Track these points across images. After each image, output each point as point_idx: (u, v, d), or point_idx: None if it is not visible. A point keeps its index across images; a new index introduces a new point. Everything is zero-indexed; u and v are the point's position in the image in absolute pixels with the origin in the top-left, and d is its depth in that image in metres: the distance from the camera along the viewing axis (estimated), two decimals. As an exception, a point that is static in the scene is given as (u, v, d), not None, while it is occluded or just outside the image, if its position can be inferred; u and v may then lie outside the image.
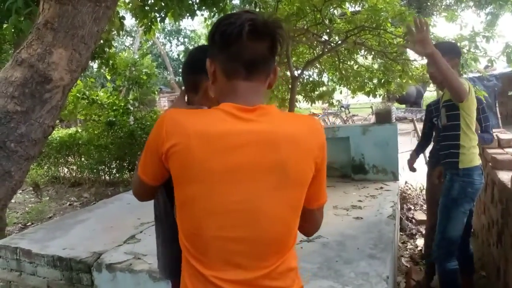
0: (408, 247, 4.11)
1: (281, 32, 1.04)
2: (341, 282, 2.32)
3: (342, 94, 7.35)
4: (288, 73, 6.03)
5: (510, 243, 2.43)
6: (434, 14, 10.80)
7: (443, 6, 10.62)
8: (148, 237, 3.43)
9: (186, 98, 1.46)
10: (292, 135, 1.02)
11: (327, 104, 7.75)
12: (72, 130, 8.90)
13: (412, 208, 5.15)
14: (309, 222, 1.19)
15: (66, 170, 8.73)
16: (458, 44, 4.35)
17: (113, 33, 5.18)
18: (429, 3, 10.33)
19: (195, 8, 5.35)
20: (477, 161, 2.50)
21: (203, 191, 0.98)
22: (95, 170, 7.92)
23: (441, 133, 2.63)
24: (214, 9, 5.36)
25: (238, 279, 1.00)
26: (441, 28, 20.44)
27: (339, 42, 5.60)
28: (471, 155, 2.46)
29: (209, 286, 1.00)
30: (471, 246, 2.89)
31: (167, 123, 1.01)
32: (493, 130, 3.56)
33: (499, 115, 11.46)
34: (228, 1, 5.56)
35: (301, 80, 6.89)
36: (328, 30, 5.41)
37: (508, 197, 2.51)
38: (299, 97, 7.33)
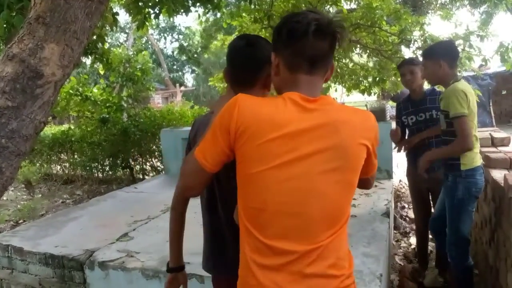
0: (401, 245, 4.13)
1: (341, 31, 1.14)
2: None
3: (337, 92, 7.35)
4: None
5: (503, 241, 2.45)
6: (429, 13, 10.84)
7: (438, 5, 10.66)
8: (141, 234, 3.42)
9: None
10: (351, 123, 1.14)
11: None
12: (65, 127, 8.84)
13: (406, 206, 5.17)
14: (365, 185, 1.37)
15: (58, 167, 8.67)
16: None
17: (106, 28, 5.13)
18: (424, 2, 10.36)
19: (190, 5, 5.33)
20: (478, 161, 2.57)
21: (269, 170, 1.08)
22: (88, 168, 7.86)
23: (443, 136, 2.68)
24: (209, 5, 5.35)
25: (290, 249, 1.09)
26: (436, 26, 20.53)
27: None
28: (473, 156, 2.53)
29: (267, 253, 1.10)
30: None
31: (240, 106, 1.10)
32: (487, 128, 3.61)
33: (492, 114, 11.56)
34: (222, -2, 5.54)
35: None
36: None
37: (501, 195, 2.53)
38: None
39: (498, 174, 2.73)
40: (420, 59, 3.04)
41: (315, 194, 1.10)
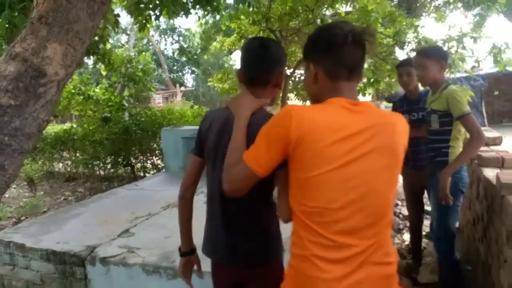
0: (395, 241, 4.17)
1: (372, 40, 1.25)
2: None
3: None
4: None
5: (495, 238, 2.49)
6: (423, 15, 10.88)
7: (432, 7, 10.69)
8: (142, 231, 3.46)
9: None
10: (392, 124, 1.25)
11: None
12: (67, 125, 8.90)
13: (400, 203, 5.22)
14: None
15: (60, 165, 8.73)
16: (446, 44, 4.43)
17: (108, 29, 5.19)
18: (418, 4, 10.40)
19: (189, 7, 5.39)
20: None
21: (332, 171, 1.16)
22: (89, 165, 7.92)
23: (432, 136, 2.73)
24: (208, 8, 5.40)
25: (353, 243, 1.18)
26: (430, 28, 20.56)
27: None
28: (455, 155, 2.65)
29: (333, 247, 1.17)
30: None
31: (295, 115, 1.17)
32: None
33: (485, 114, 11.60)
34: (222, 0, 5.60)
35: (293, 78, 6.94)
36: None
37: (493, 193, 2.57)
38: (291, 95, 7.39)
39: (490, 173, 2.78)
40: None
41: (373, 191, 1.20)
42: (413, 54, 4.79)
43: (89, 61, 8.11)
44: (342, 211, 1.18)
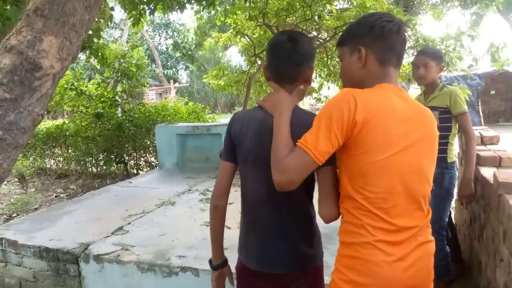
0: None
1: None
2: (328, 274, 2.35)
3: (329, 90, 7.40)
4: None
5: (492, 237, 2.50)
6: (420, 13, 10.93)
7: (429, 5, 10.74)
8: (136, 228, 3.44)
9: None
10: (430, 114, 1.35)
11: (314, 100, 7.82)
12: (59, 121, 8.80)
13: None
14: None
15: (52, 161, 8.64)
16: (444, 42, 4.43)
17: (101, 22, 5.12)
18: (415, 2, 10.44)
19: (184, 2, 5.33)
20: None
21: (392, 155, 1.20)
22: (82, 162, 7.85)
23: None
24: (204, 2, 5.35)
25: (410, 225, 1.25)
26: (428, 26, 20.70)
27: (328, 38, 5.63)
28: (453, 150, 2.81)
29: (393, 230, 1.23)
30: None
31: (359, 97, 1.18)
32: (476, 127, 3.69)
33: (481, 113, 11.71)
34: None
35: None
36: (317, 26, 5.44)
37: (490, 192, 2.57)
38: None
39: (487, 172, 2.78)
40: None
41: (423, 175, 1.29)
42: (411, 51, 4.79)
43: (82, 56, 7.98)
44: (401, 195, 1.24)
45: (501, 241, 2.21)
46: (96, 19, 4.84)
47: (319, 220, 1.42)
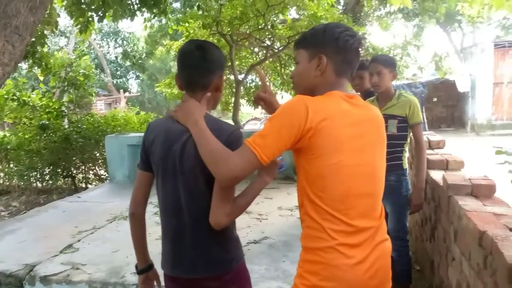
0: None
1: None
2: (289, 282, 2.34)
3: (283, 99, 7.50)
4: (232, 77, 6.04)
5: (443, 238, 2.59)
6: (367, 24, 11.42)
7: (375, 17, 11.29)
8: (87, 245, 3.26)
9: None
10: (380, 117, 1.42)
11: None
12: (-1, 134, 8.25)
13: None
14: None
15: (-9, 177, 8.07)
16: (392, 51, 4.63)
17: (46, 28, 4.87)
18: (362, 14, 10.92)
19: (135, 9, 5.20)
20: None
21: (346, 158, 1.25)
22: (25, 177, 7.40)
23: (388, 140, 2.81)
24: (155, 10, 5.25)
25: (367, 226, 1.30)
26: (374, 37, 21.67)
27: (281, 47, 5.71)
28: (406, 158, 2.87)
29: (353, 232, 1.27)
30: None
31: (310, 104, 1.23)
32: (423, 133, 3.85)
33: (425, 120, 12.36)
34: (169, 3, 5.47)
35: (244, 84, 6.93)
36: (270, 36, 5.50)
37: (440, 194, 2.68)
38: (242, 101, 7.38)
39: (436, 175, 2.90)
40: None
41: (377, 176, 1.35)
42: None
43: (25, 65, 7.58)
44: (357, 196, 1.29)
45: (452, 241, 2.29)
46: (40, 24, 4.59)
47: (276, 227, 1.43)
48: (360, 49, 1.39)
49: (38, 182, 7.62)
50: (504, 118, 13.85)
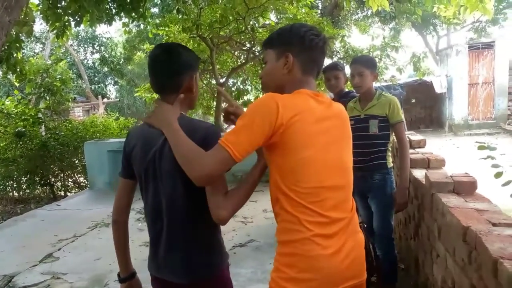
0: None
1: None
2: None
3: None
4: (213, 80, 6.02)
5: (427, 235, 2.61)
6: (345, 27, 11.60)
7: (352, 21, 11.47)
8: (67, 254, 3.19)
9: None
10: (345, 113, 1.47)
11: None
12: (-28, 143, 7.99)
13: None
14: None
15: (-35, 187, 7.80)
16: (371, 53, 4.69)
17: (22, 30, 4.75)
18: (340, 17, 11.08)
19: (113, 13, 5.13)
20: None
21: (316, 152, 1.30)
22: (1, 186, 7.25)
23: (370, 140, 2.82)
24: (133, 14, 5.19)
25: (341, 217, 1.34)
26: (353, 39, 21.99)
27: (262, 51, 5.72)
28: (390, 157, 2.86)
29: (327, 223, 1.30)
30: None
31: (280, 101, 1.26)
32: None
33: (404, 121, 12.60)
34: (147, 7, 5.42)
35: (226, 87, 6.91)
36: (251, 39, 5.51)
37: (423, 192, 2.70)
38: (224, 105, 7.35)
39: (418, 173, 2.92)
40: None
41: (346, 169, 1.40)
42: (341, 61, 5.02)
43: (-2, 72, 7.38)
44: (331, 188, 1.33)
45: (436, 238, 2.32)
46: (16, 26, 4.47)
47: (261, 230, 1.42)
48: (325, 48, 1.43)
49: (14, 191, 7.47)
50: (480, 118, 14.21)
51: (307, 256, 1.27)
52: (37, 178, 7.14)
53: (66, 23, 4.98)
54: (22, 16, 4.00)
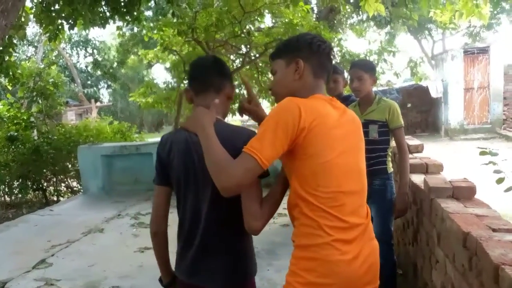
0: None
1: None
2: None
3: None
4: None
5: (426, 241, 2.60)
6: (340, 31, 11.66)
7: (347, 25, 11.55)
8: (61, 260, 3.15)
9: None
10: (358, 119, 1.48)
11: (247, 117, 7.88)
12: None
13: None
14: None
15: (-45, 192, 7.71)
16: (368, 57, 4.71)
17: (16, 34, 4.71)
18: (335, 22, 11.14)
19: (107, 16, 5.11)
20: None
21: (337, 156, 1.31)
22: (-8, 191, 7.13)
23: (370, 145, 2.81)
24: (128, 17, 5.16)
25: (359, 222, 1.35)
26: (349, 44, 22.17)
27: (258, 55, 5.72)
28: (391, 162, 2.85)
29: (346, 228, 1.30)
30: None
31: (302, 105, 1.27)
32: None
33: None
34: (141, 11, 5.41)
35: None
36: (247, 43, 5.51)
37: (422, 197, 2.69)
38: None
39: (417, 178, 2.91)
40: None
41: (362, 175, 1.41)
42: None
43: (-10, 75, 7.31)
44: (349, 193, 1.33)
45: (436, 243, 2.30)
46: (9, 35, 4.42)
47: (259, 236, 1.40)
48: (331, 55, 1.47)
49: (6, 196, 7.39)
50: (476, 122, 14.32)
51: (327, 260, 1.28)
52: (29, 183, 7.08)
53: (60, 26, 4.95)
54: (16, 20, 3.96)
